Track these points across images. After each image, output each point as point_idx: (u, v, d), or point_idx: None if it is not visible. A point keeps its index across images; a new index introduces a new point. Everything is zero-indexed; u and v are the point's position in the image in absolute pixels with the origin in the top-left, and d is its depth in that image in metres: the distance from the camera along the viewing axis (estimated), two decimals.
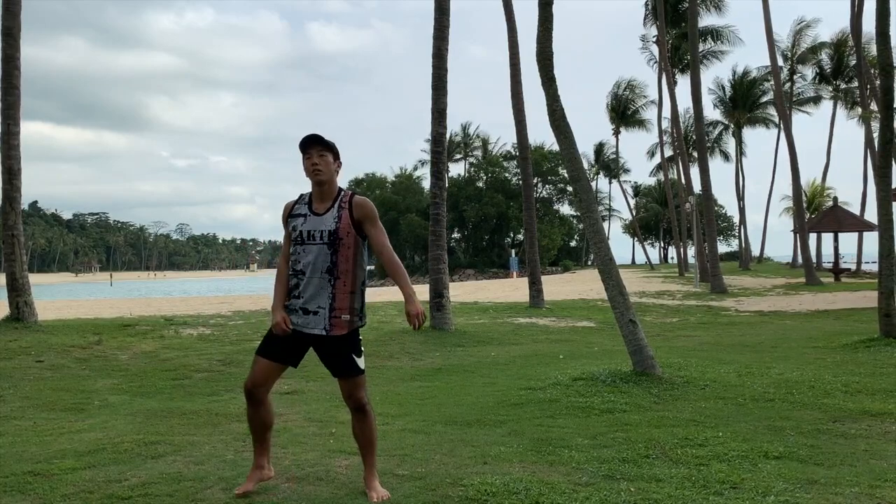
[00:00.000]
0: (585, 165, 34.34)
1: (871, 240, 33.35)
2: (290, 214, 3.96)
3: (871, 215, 32.44)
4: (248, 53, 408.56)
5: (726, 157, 58.92)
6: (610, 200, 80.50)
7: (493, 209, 65.70)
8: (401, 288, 3.91)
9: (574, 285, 32.33)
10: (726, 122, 55.37)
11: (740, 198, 54.63)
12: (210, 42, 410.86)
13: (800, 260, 39.83)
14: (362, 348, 4.03)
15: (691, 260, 42.57)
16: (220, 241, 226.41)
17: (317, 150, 3.86)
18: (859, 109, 39.76)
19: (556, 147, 16.27)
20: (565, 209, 71.12)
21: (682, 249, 44.57)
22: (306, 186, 3.99)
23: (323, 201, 3.90)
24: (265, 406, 4.02)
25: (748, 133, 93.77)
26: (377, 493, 3.86)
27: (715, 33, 45.12)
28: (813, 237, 39.89)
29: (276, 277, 4.01)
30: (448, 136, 18.17)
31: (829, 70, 46.76)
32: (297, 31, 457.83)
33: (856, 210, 38.65)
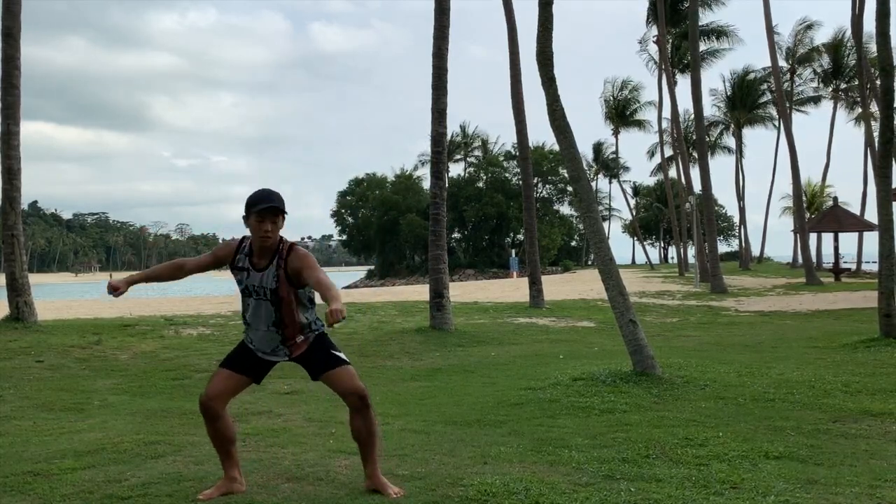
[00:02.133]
0: (585, 165, 34.33)
1: (871, 240, 33.36)
2: (233, 265, 3.92)
3: (871, 215, 32.43)
4: (250, 53, 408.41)
5: (729, 150, 58.80)
6: (610, 200, 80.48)
7: (493, 209, 65.68)
8: (327, 298, 3.56)
9: (574, 285, 32.33)
10: (726, 122, 55.35)
11: (740, 198, 54.63)
12: (212, 42, 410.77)
13: (800, 260, 39.84)
14: (337, 345, 4.04)
15: (691, 260, 42.57)
16: (220, 241, 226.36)
17: (272, 214, 3.75)
18: (859, 109, 39.79)
19: (556, 147, 16.28)
20: (565, 209, 71.14)
21: (682, 249, 44.57)
22: (307, 185, 4.00)
23: (262, 256, 3.84)
24: (223, 420, 3.97)
25: (748, 133, 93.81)
26: (392, 489, 3.87)
27: (715, 32, 45.13)
28: (813, 237, 39.88)
29: (161, 265, 4.09)
30: (448, 136, 18.15)
31: (829, 70, 46.76)
32: (299, 31, 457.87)
33: (856, 210, 38.67)
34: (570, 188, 62.47)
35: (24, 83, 12.77)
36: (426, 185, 60.31)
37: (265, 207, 3.73)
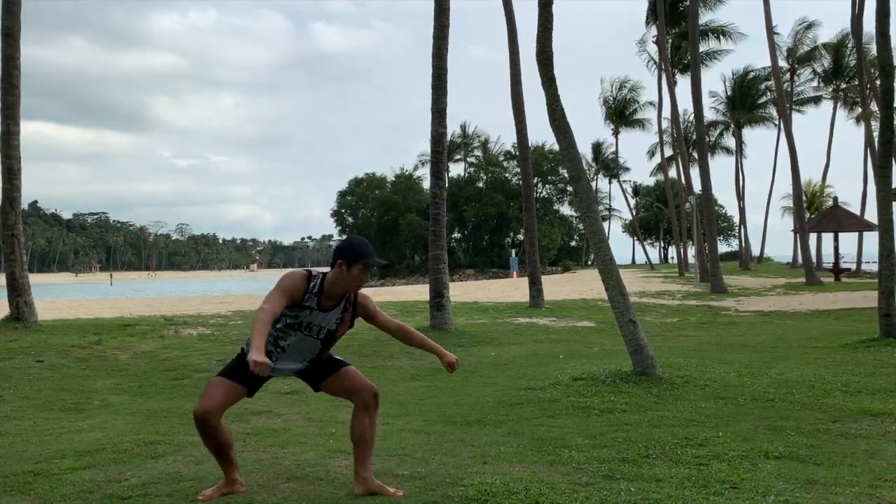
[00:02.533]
0: (585, 165, 34.32)
1: (871, 240, 33.36)
2: (301, 303, 3.75)
3: (871, 215, 32.42)
4: (251, 53, 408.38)
5: (729, 151, 58.83)
6: (610, 200, 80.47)
7: (493, 209, 65.69)
8: (428, 347, 4.04)
9: (574, 285, 32.33)
10: (727, 122, 55.33)
11: (740, 198, 54.63)
12: (212, 42, 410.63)
13: (800, 260, 39.83)
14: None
15: (691, 260, 42.57)
16: (221, 241, 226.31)
17: (375, 267, 3.89)
18: (859, 109, 39.78)
19: (556, 147, 16.29)
20: (565, 209, 71.14)
21: (682, 249, 44.56)
22: (307, 185, 3.99)
23: (332, 298, 3.82)
24: (219, 430, 3.92)
25: (748, 133, 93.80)
26: (391, 488, 3.87)
27: (715, 32, 45.11)
28: (813, 237, 39.87)
29: (257, 324, 3.56)
30: (448, 136, 18.16)
31: (829, 70, 46.75)
32: (300, 31, 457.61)
33: (856, 210, 38.67)
34: (570, 188, 62.47)
35: (24, 83, 12.78)
36: (426, 185, 60.30)
37: (375, 263, 3.81)
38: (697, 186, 33.91)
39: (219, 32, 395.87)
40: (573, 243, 78.91)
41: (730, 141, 56.88)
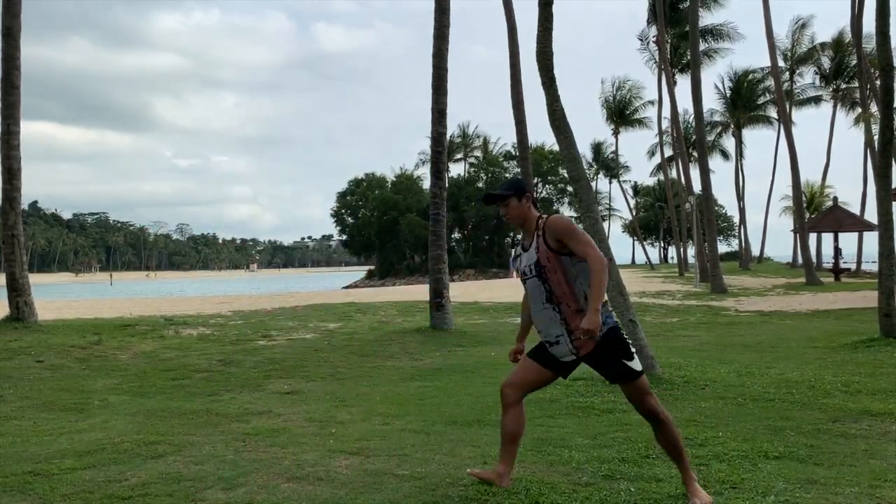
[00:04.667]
0: (585, 165, 34.31)
1: (871, 240, 33.36)
2: (513, 257, 4.04)
3: (871, 215, 32.44)
4: (253, 53, 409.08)
5: (726, 156, 58.93)
6: (610, 200, 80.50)
7: (494, 209, 65.61)
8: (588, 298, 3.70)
9: None
10: (726, 122, 55.34)
11: (740, 198, 54.64)
12: (215, 42, 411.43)
13: (800, 260, 39.82)
14: (632, 349, 3.78)
15: (691, 260, 42.58)
16: (220, 241, 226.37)
17: (496, 205, 3.95)
18: (859, 109, 39.77)
19: (556, 147, 16.28)
20: (565, 209, 71.16)
21: (682, 249, 44.57)
22: (308, 186, 4.01)
23: (528, 237, 3.93)
24: (514, 410, 3.92)
25: (748, 133, 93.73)
26: (699, 499, 3.67)
27: (715, 32, 45.12)
28: (813, 237, 39.88)
29: (522, 308, 4.24)
30: (448, 136, 18.16)
31: (829, 70, 46.74)
32: (302, 31, 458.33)
33: (856, 210, 38.67)
34: (570, 188, 62.49)
35: (26, 83, 12.81)
36: (426, 185, 60.32)
37: (482, 200, 4.07)
38: (697, 186, 33.94)
39: (221, 32, 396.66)
40: None
41: (730, 141, 56.93)
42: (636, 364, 3.75)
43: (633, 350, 3.78)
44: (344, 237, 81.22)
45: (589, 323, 3.55)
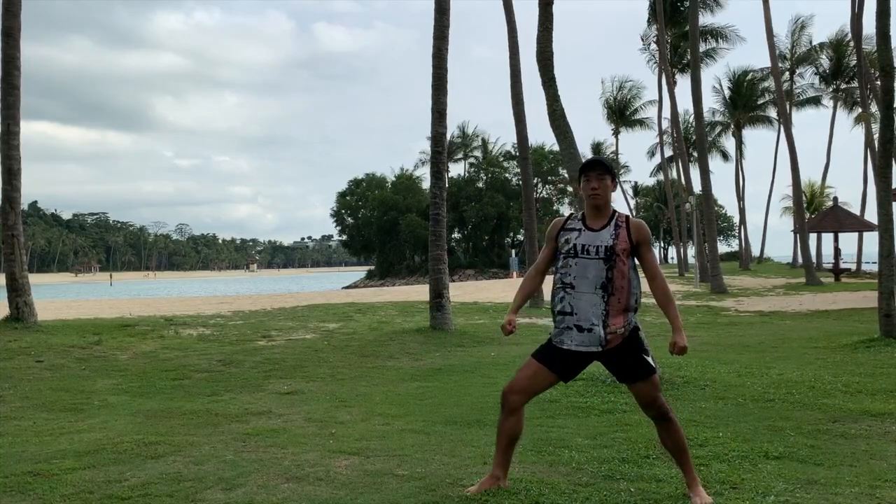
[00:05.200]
0: None
1: (871, 240, 33.38)
2: (562, 228, 3.90)
3: (871, 215, 32.43)
4: (255, 53, 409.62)
5: (725, 157, 58.94)
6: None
7: (493, 209, 65.73)
8: (670, 319, 3.84)
9: None
10: (726, 122, 55.34)
11: (740, 198, 54.65)
12: (216, 42, 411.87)
13: (800, 260, 39.83)
14: (648, 347, 3.81)
15: (691, 260, 42.57)
16: (220, 241, 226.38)
17: (597, 173, 3.84)
18: (859, 109, 39.77)
19: (556, 147, 16.29)
20: (565, 209, 71.17)
21: (682, 249, 44.57)
22: (308, 186, 4.01)
23: (598, 219, 3.85)
24: (517, 416, 3.90)
25: (748, 133, 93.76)
26: (700, 499, 3.69)
27: (715, 32, 45.13)
28: (813, 237, 39.87)
29: (519, 287, 4.08)
30: (448, 136, 18.17)
31: (829, 70, 46.74)
32: (304, 31, 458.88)
33: (856, 210, 38.67)
34: (570, 188, 62.47)
35: (28, 83, 12.86)
36: (426, 185, 60.31)
37: (589, 162, 3.91)
38: (697, 187, 33.93)
39: (222, 32, 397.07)
40: None
41: (730, 141, 56.92)
42: (653, 361, 3.77)
43: (651, 349, 3.83)
44: (344, 237, 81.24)
45: (683, 341, 3.76)
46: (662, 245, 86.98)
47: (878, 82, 15.83)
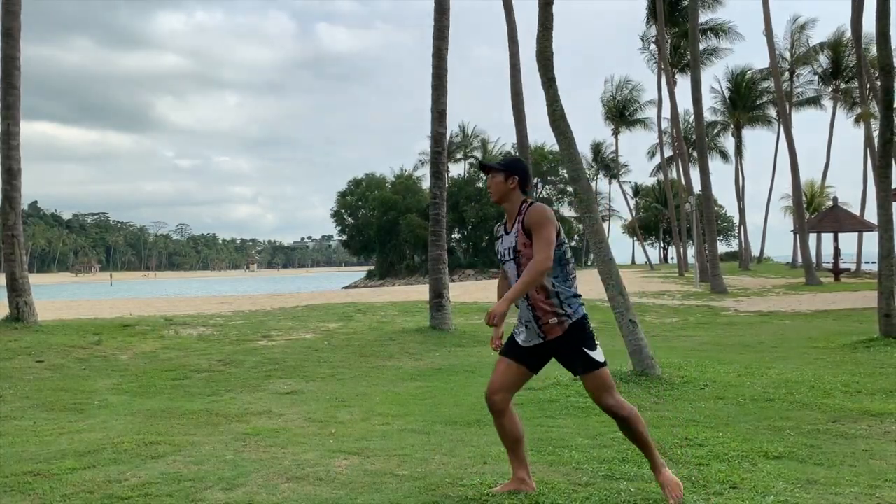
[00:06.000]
0: (585, 165, 34.21)
1: (871, 240, 33.34)
2: (495, 237, 4.00)
3: (871, 215, 32.42)
4: (256, 54, 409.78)
5: (725, 157, 58.95)
6: (610, 200, 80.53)
7: (493, 209, 65.62)
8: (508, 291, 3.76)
9: None
10: (726, 122, 55.34)
11: (740, 198, 54.68)
12: (218, 42, 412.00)
13: (800, 260, 39.82)
14: (596, 341, 3.77)
15: (691, 260, 42.58)
16: (220, 241, 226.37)
17: (488, 174, 3.91)
18: (859, 109, 39.77)
19: (556, 147, 16.29)
20: (565, 209, 71.18)
21: (681, 249, 44.56)
22: (309, 186, 4.02)
23: (510, 220, 3.89)
24: (508, 416, 3.87)
25: (748, 133, 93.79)
26: (669, 487, 3.71)
27: (714, 31, 45.12)
28: (813, 237, 39.87)
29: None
30: (448, 136, 18.17)
31: (828, 70, 46.75)
32: (304, 32, 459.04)
33: (856, 210, 38.67)
34: (570, 188, 62.49)
35: (29, 83, 12.91)
36: (426, 185, 60.29)
37: (481, 170, 4.01)
38: (697, 187, 33.93)
39: (224, 32, 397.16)
40: (573, 243, 78.92)
41: (729, 141, 56.94)
42: (598, 355, 3.75)
43: (598, 343, 3.78)
44: (344, 237, 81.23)
45: (493, 308, 3.62)
46: (662, 245, 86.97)
47: (878, 82, 15.84)
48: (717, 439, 4.99)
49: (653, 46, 45.78)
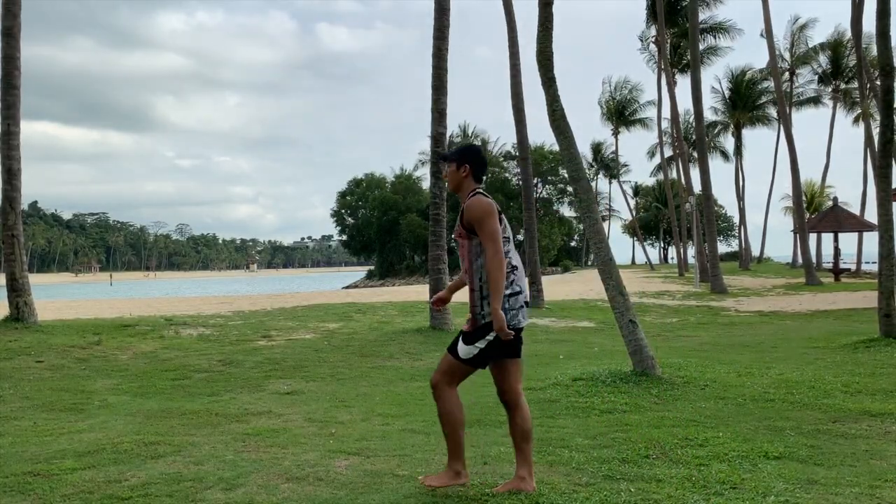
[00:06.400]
0: (585, 165, 34.22)
1: (871, 240, 33.36)
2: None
3: (871, 215, 32.45)
4: (256, 54, 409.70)
5: (725, 157, 58.95)
6: (610, 200, 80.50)
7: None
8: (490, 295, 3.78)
9: (574, 285, 32.33)
10: (726, 122, 55.33)
11: (740, 198, 54.69)
12: (218, 42, 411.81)
13: (800, 260, 39.83)
14: (477, 344, 3.79)
15: (691, 260, 42.58)
16: (220, 241, 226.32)
17: (444, 164, 4.01)
18: (859, 109, 39.76)
19: (556, 147, 16.30)
20: (565, 209, 71.18)
21: (682, 249, 44.56)
22: (309, 186, 4.03)
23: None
24: (443, 398, 3.94)
25: (748, 133, 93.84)
26: (519, 479, 3.82)
27: (714, 29, 45.11)
28: (813, 237, 39.87)
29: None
30: (448, 136, 18.18)
31: (828, 70, 46.74)
32: (306, 32, 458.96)
33: (856, 210, 38.67)
34: (570, 188, 62.49)
35: (29, 83, 12.94)
36: (426, 185, 60.31)
37: (435, 155, 4.04)
38: (697, 186, 33.93)
39: (225, 32, 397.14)
40: (573, 243, 78.94)
41: (729, 141, 56.95)
42: (466, 352, 3.81)
43: (478, 346, 3.80)
44: (344, 237, 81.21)
45: (496, 322, 3.67)
46: (662, 245, 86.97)
47: (878, 82, 15.84)
48: (717, 439, 4.98)
49: (653, 46, 45.81)
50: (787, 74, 47.21)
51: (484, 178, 4.01)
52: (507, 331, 3.67)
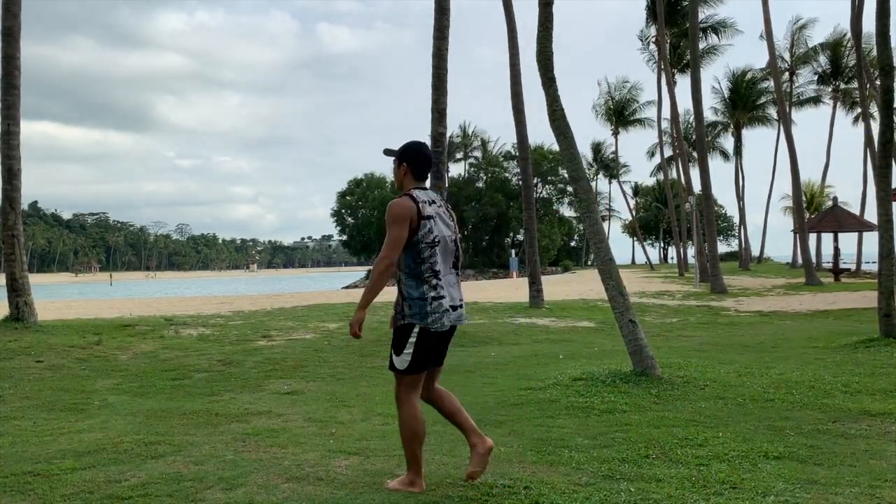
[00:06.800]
0: (584, 165, 34.27)
1: (871, 240, 33.35)
2: None
3: (871, 215, 32.42)
4: (257, 53, 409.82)
5: (725, 157, 58.98)
6: (610, 200, 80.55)
7: (493, 209, 65.70)
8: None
9: (574, 285, 32.32)
10: (726, 122, 55.34)
11: (740, 198, 54.67)
12: (219, 42, 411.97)
13: (800, 260, 39.82)
14: (405, 349, 3.95)
15: (691, 260, 42.57)
16: (220, 241, 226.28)
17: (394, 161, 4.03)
18: (859, 109, 39.77)
19: (556, 147, 16.29)
20: (565, 209, 71.17)
21: (681, 249, 44.57)
22: (309, 186, 4.05)
23: None
24: (438, 401, 4.20)
25: (748, 133, 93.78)
26: (402, 481, 3.93)
27: (714, 28, 45.11)
28: (813, 237, 39.88)
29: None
30: (448, 135, 18.16)
31: (828, 70, 46.74)
32: (306, 31, 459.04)
33: (856, 210, 38.67)
34: (570, 188, 62.48)
35: (30, 83, 12.98)
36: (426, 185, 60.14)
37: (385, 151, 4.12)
38: (697, 186, 33.93)
39: (225, 32, 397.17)
40: (573, 243, 78.96)
41: (729, 141, 56.96)
42: (401, 363, 3.93)
43: (407, 352, 3.92)
44: (344, 237, 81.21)
45: (352, 320, 3.97)
46: (662, 245, 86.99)
47: (878, 82, 15.84)
48: (717, 439, 4.99)
49: (652, 46, 45.81)
50: (786, 74, 47.22)
51: (427, 176, 4.06)
52: (355, 330, 3.99)
